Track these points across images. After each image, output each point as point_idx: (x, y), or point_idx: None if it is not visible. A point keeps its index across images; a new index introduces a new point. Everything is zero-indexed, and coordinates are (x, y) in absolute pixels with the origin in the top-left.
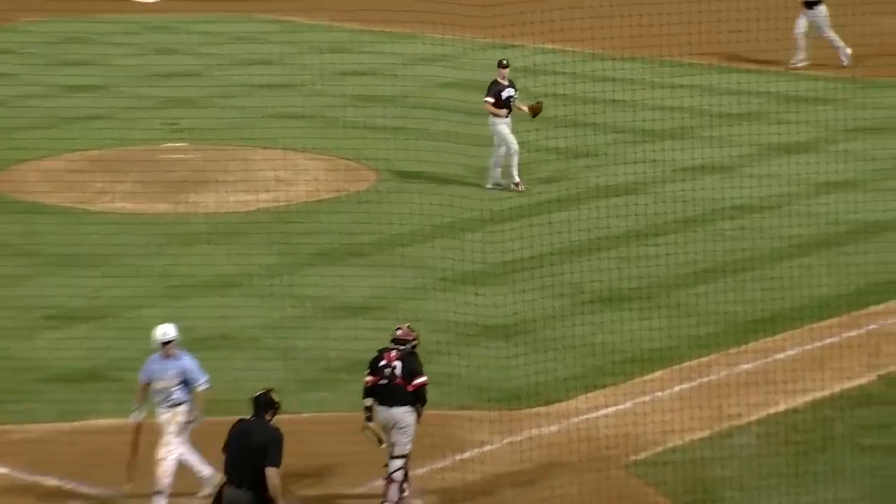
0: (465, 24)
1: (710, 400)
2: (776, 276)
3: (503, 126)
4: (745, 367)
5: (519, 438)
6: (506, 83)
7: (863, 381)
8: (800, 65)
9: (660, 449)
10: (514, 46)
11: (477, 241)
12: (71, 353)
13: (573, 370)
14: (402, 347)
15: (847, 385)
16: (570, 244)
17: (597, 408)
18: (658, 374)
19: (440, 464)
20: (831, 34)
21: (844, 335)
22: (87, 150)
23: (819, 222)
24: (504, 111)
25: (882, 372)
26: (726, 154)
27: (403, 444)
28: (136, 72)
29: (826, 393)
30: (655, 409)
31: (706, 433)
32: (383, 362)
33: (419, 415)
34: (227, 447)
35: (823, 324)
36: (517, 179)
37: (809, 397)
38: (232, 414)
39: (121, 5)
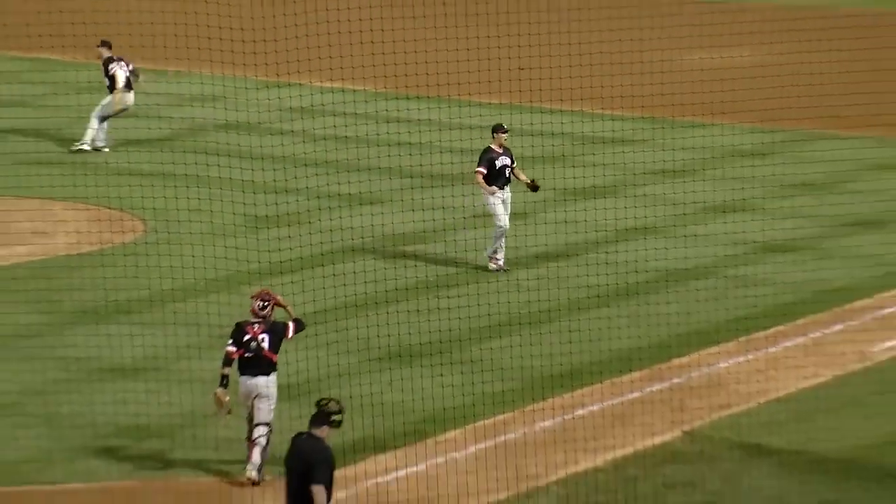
0: (237, 61)
1: (509, 460)
2: (576, 328)
3: (496, 202)
4: (545, 424)
5: None
6: (500, 151)
7: (667, 437)
8: (101, 146)
9: None
10: (290, 85)
11: None
12: None
13: (362, 432)
14: (264, 320)
15: (651, 442)
16: (357, 297)
17: (388, 471)
18: (453, 433)
19: None
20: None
21: (647, 389)
22: None
23: (620, 271)
24: (499, 183)
25: (687, 428)
26: (521, 199)
27: (266, 411)
28: None
29: (629, 450)
30: (450, 471)
31: (504, 495)
32: (248, 336)
33: None
34: (286, 461)
35: (626, 378)
36: (497, 257)
37: (612, 455)
38: None
39: None
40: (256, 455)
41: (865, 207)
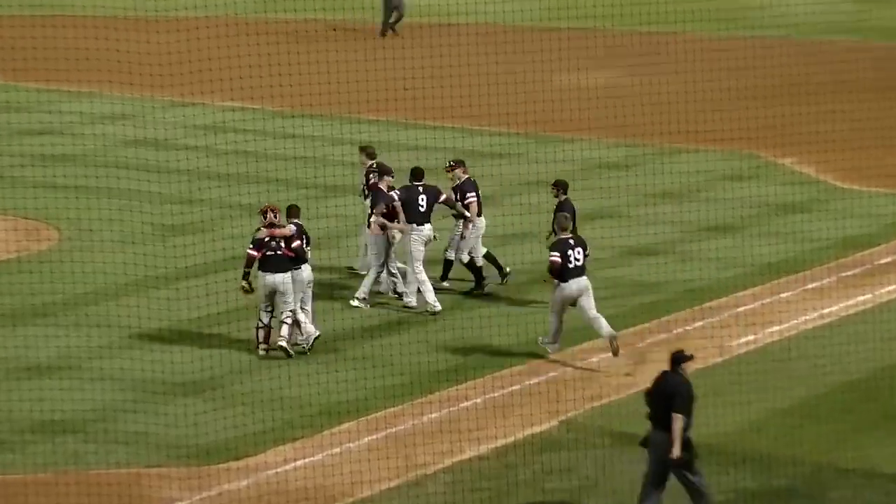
0: (145, 82)
1: (399, 449)
2: (460, 325)
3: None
4: (432, 416)
5: (210, 494)
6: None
7: (545, 426)
8: None
9: (350, 500)
10: (194, 105)
11: (163, 298)
12: None
13: (263, 424)
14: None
15: (530, 431)
16: (258, 299)
17: (287, 461)
18: (347, 425)
19: None
20: None
21: (526, 382)
22: None
23: (494, 273)
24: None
25: (563, 417)
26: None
27: (288, 302)
28: None
29: (510, 439)
30: (345, 461)
31: (396, 483)
32: (267, 238)
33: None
34: (649, 395)
35: (506, 372)
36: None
37: (495, 444)
38: None
39: None
40: (286, 331)
41: (718, 214)
